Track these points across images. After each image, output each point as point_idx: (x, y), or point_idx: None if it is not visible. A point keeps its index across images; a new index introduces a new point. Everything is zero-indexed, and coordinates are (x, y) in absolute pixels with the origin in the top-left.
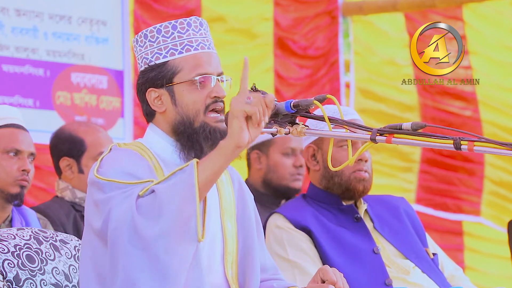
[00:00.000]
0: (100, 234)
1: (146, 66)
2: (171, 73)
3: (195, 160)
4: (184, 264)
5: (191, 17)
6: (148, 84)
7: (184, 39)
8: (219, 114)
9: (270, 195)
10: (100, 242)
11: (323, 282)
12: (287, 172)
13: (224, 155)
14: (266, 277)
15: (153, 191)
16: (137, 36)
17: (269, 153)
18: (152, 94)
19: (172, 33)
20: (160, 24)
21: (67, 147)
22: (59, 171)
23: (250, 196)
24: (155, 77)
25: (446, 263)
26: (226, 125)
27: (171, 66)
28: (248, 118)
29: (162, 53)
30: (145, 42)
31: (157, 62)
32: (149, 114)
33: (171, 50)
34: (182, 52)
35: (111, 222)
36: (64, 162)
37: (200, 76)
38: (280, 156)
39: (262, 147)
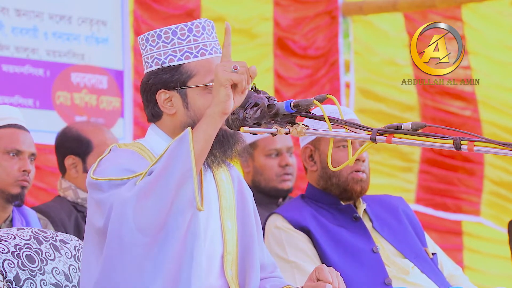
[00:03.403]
0: (102, 232)
1: (159, 67)
2: (186, 77)
3: (188, 128)
4: (181, 232)
5: (205, 20)
6: (160, 85)
7: (199, 43)
8: None
9: (265, 196)
10: (101, 241)
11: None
12: (273, 173)
13: (213, 123)
14: (264, 275)
15: (151, 172)
16: (148, 35)
17: (254, 156)
18: (162, 96)
19: (188, 36)
20: (176, 25)
21: (74, 146)
22: (63, 170)
23: (249, 193)
24: (168, 79)
25: (445, 262)
26: (228, 123)
27: (186, 70)
28: (233, 86)
29: (177, 56)
30: (157, 42)
31: (171, 64)
32: (155, 115)
33: (186, 53)
34: (197, 56)
35: (113, 217)
36: (70, 160)
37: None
38: (264, 158)
39: (246, 151)
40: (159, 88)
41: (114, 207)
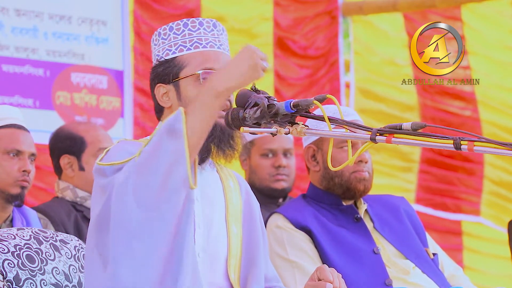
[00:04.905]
0: (99, 219)
1: (157, 62)
2: (178, 68)
3: (180, 108)
4: (176, 211)
5: (206, 18)
6: (157, 79)
7: (193, 37)
8: (221, 110)
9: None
10: (98, 230)
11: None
12: (266, 173)
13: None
14: (268, 285)
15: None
16: (154, 35)
17: (251, 155)
18: (160, 90)
19: (183, 31)
20: (173, 22)
21: (67, 145)
22: (59, 171)
23: (257, 206)
24: (162, 72)
25: (446, 263)
26: (227, 122)
27: (178, 61)
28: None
29: (171, 50)
30: (158, 40)
31: (166, 58)
32: (158, 110)
33: (180, 46)
34: (190, 49)
35: (114, 197)
36: (65, 159)
37: (204, 71)
38: (259, 157)
39: (245, 150)
40: (156, 82)
41: (114, 187)
